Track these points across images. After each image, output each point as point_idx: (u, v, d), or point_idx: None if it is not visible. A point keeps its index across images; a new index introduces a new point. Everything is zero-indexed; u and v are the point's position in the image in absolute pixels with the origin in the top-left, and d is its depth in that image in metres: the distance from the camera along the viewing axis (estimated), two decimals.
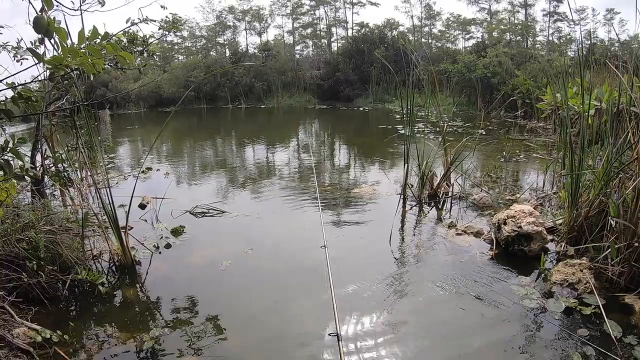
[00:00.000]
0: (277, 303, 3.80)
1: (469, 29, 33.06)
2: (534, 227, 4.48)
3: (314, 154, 11.85)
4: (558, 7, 29.31)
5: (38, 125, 5.96)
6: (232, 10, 36.77)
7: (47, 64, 1.74)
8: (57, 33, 1.71)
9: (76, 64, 1.75)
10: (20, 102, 1.86)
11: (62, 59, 1.74)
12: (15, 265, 3.71)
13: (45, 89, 4.92)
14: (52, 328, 3.26)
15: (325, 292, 3.61)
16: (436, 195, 6.57)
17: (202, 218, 6.15)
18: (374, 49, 28.70)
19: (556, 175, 6.60)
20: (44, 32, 1.70)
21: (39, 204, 4.49)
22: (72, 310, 3.78)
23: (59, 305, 3.81)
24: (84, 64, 1.77)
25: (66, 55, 1.71)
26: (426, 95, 8.63)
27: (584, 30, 28.44)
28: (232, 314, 3.66)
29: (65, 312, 3.74)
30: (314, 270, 4.19)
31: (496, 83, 19.35)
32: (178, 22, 4.75)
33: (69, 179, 5.78)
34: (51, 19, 1.72)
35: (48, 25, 1.67)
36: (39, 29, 1.67)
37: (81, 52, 1.71)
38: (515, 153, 9.53)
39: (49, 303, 3.72)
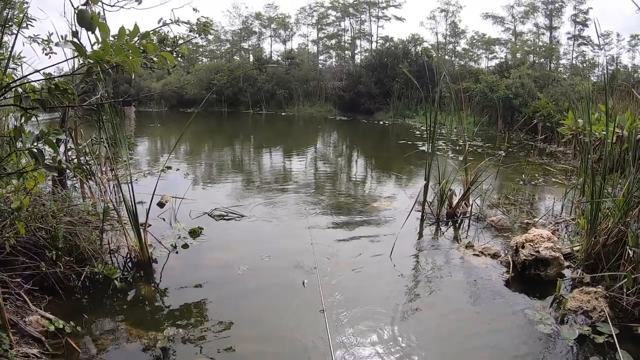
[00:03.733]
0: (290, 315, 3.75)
1: (492, 48, 33.01)
2: (552, 252, 4.43)
3: (333, 165, 11.84)
4: (583, 30, 29.20)
5: (64, 117, 6.08)
6: (259, 16, 37.30)
7: (89, 59, 1.76)
8: (100, 28, 1.73)
9: (118, 61, 1.78)
10: (56, 93, 1.89)
11: (103, 55, 1.76)
12: (32, 253, 3.76)
13: (73, 82, 5.02)
14: (65, 318, 3.28)
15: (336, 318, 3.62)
16: (454, 215, 6.51)
17: (221, 221, 6.15)
18: (397, 64, 28.72)
19: (574, 201, 6.49)
20: (87, 26, 1.71)
21: (60, 195, 4.56)
22: (86, 302, 3.80)
23: (72, 296, 3.84)
24: (126, 62, 1.79)
25: (108, 51, 1.73)
26: (451, 113, 8.58)
27: (607, 55, 28.15)
28: (247, 320, 3.64)
29: (79, 303, 3.77)
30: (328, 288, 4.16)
31: (518, 105, 19.17)
32: (208, 26, 4.81)
33: (90, 172, 5.86)
34: (95, 13, 1.74)
35: (91, 19, 1.69)
36: (83, 21, 1.68)
37: (123, 49, 1.73)
38: (534, 176, 9.40)
39: (64, 293, 3.76)
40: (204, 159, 12.41)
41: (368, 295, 4.12)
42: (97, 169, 6.40)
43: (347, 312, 3.76)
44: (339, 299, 3.99)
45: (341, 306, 3.84)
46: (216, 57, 39.04)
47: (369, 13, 35.46)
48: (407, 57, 30.39)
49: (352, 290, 4.20)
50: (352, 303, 3.90)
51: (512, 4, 31.01)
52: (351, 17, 36.15)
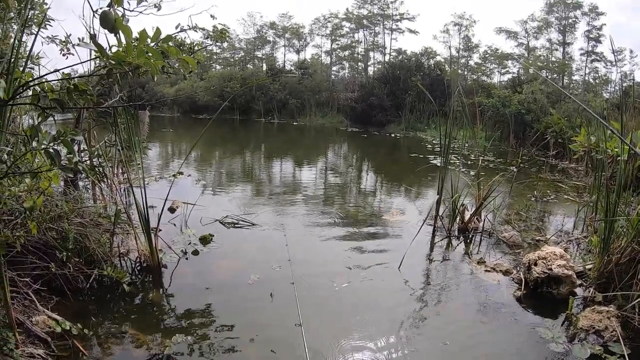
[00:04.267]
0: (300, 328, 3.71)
1: (505, 63, 32.93)
2: (565, 270, 4.39)
3: (343, 176, 11.81)
4: (596, 47, 29.07)
5: (79, 118, 6.14)
6: (273, 25, 37.65)
7: (111, 60, 1.76)
8: (123, 30, 1.73)
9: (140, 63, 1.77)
10: (75, 94, 1.89)
11: (125, 57, 1.76)
12: (42, 252, 3.76)
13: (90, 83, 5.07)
14: (72, 320, 3.27)
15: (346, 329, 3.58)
16: (466, 230, 6.44)
17: (232, 229, 6.13)
18: (410, 77, 28.74)
19: (587, 219, 6.41)
20: (110, 28, 1.71)
21: (72, 196, 4.57)
22: (93, 305, 3.79)
23: (80, 298, 3.83)
24: (148, 64, 1.78)
25: (131, 53, 1.73)
26: (464, 127, 8.53)
27: (620, 71, 27.98)
28: (257, 331, 3.57)
29: (86, 305, 3.76)
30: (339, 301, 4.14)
31: (530, 120, 19.05)
32: (225, 33, 4.85)
33: (103, 174, 5.89)
34: (118, 16, 1.74)
35: (115, 22, 1.69)
36: (106, 23, 1.68)
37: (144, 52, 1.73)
38: (546, 193, 9.30)
39: (71, 295, 3.75)
40: (215, 165, 12.45)
41: (376, 306, 4.09)
42: (109, 171, 6.42)
43: (355, 320, 3.75)
44: (347, 308, 3.97)
45: (349, 315, 3.83)
46: (230, 65, 39.40)
47: (383, 25, 35.65)
48: (420, 70, 30.40)
49: (362, 300, 4.17)
50: (361, 313, 3.88)
51: (526, 19, 31.08)
52: (365, 29, 36.35)
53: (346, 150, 19.31)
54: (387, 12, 35.12)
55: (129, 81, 5.34)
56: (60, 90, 1.95)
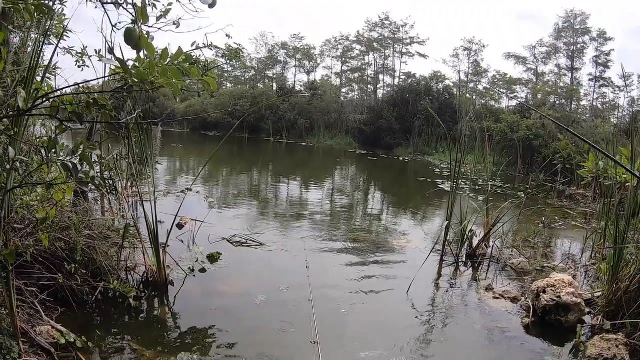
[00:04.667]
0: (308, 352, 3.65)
1: (514, 88, 33.05)
2: (573, 298, 4.33)
3: (350, 199, 11.78)
4: (604, 72, 29.04)
5: (92, 130, 6.21)
6: (285, 46, 38.18)
7: (134, 77, 1.79)
8: (147, 48, 1.76)
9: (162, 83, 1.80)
10: (94, 108, 1.92)
11: (147, 75, 1.79)
12: (49, 262, 3.77)
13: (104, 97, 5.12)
14: (76, 332, 3.26)
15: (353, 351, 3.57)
16: (474, 256, 6.38)
17: (239, 248, 6.11)
18: (419, 100, 28.89)
19: (595, 245, 6.36)
20: (133, 45, 1.75)
21: (82, 207, 4.59)
22: (98, 318, 3.78)
23: (85, 310, 3.82)
24: (170, 85, 1.81)
25: (153, 72, 1.76)
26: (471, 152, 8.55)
27: (628, 96, 27.92)
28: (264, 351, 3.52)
29: (91, 318, 3.75)
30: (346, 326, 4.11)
31: (538, 145, 19.04)
32: (240, 52, 4.92)
33: (113, 187, 5.93)
34: (143, 33, 1.78)
35: (139, 39, 1.73)
36: (130, 40, 1.72)
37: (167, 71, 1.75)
38: (554, 219, 9.24)
39: (77, 306, 3.75)
40: (224, 183, 12.50)
41: (384, 329, 4.06)
42: (119, 185, 6.45)
43: (363, 342, 3.73)
44: (355, 332, 3.94)
45: (357, 337, 3.80)
46: (240, 83, 39.86)
47: (393, 49, 35.97)
48: (429, 94, 30.57)
49: (370, 323, 4.15)
50: (368, 335, 3.86)
51: (535, 45, 31.24)
52: (375, 52, 36.69)
53: (354, 172, 19.33)
54: (397, 36, 35.49)
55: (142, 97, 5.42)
56: (80, 104, 1.97)
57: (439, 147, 26.12)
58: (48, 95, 2.10)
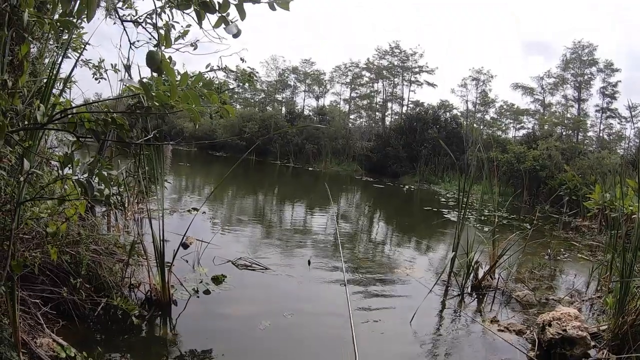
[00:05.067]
0: None
1: (520, 118, 33.24)
2: (579, 331, 4.27)
3: (356, 227, 11.73)
4: (611, 103, 29.22)
5: (102, 146, 6.29)
6: (295, 70, 38.77)
7: (155, 101, 1.84)
8: (168, 72, 1.80)
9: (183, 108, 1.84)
10: (112, 126, 1.96)
11: (168, 99, 1.83)
12: (54, 275, 3.78)
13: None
14: (78, 347, 3.24)
15: None
16: (479, 287, 6.32)
17: (244, 271, 6.06)
18: (426, 129, 29.10)
19: (601, 278, 6.30)
20: (155, 68, 1.78)
21: (89, 222, 4.61)
22: (99, 334, 3.76)
23: (86, 325, 3.80)
24: (190, 111, 1.85)
25: (174, 97, 1.80)
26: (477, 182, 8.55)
27: (635, 128, 27.98)
28: None
29: (92, 333, 3.73)
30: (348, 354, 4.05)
31: (544, 176, 19.02)
32: (253, 76, 5.01)
33: (121, 203, 5.97)
34: (165, 57, 1.83)
35: (161, 63, 1.76)
36: (152, 64, 1.75)
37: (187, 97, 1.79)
38: (559, 251, 9.16)
39: (78, 320, 3.73)
40: (230, 204, 12.52)
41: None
42: (127, 201, 6.49)
43: None
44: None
45: None
46: (250, 105, 40.34)
47: (402, 77, 36.43)
48: (437, 123, 30.78)
49: (372, 352, 4.11)
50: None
51: (542, 76, 31.52)
52: (384, 79, 37.17)
53: (359, 199, 19.30)
54: (407, 64, 35.99)
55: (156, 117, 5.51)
56: (98, 122, 2.01)
57: (445, 176, 26.13)
58: (66, 111, 2.14)
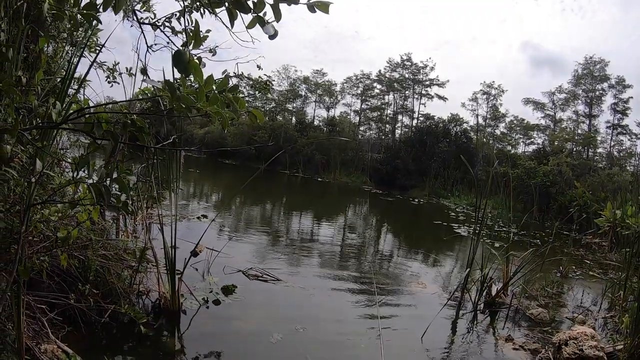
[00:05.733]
0: None
1: (530, 134, 33.01)
2: (596, 351, 4.27)
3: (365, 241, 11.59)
4: (622, 119, 28.88)
5: (115, 148, 6.26)
6: (306, 80, 38.84)
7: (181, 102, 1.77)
8: (195, 74, 1.74)
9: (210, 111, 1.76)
10: (131, 129, 1.90)
11: (194, 102, 1.76)
12: (60, 279, 3.71)
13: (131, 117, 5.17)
14: (83, 354, 3.17)
15: None
16: (492, 304, 6.18)
17: (255, 281, 5.96)
18: (436, 142, 28.97)
19: (614, 297, 6.22)
20: (182, 69, 1.71)
21: (99, 226, 4.55)
22: (105, 342, 3.68)
23: (93, 332, 3.72)
24: (219, 114, 1.76)
25: (202, 100, 1.74)
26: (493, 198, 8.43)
27: None
28: None
29: (98, 341, 3.66)
30: None
31: (554, 192, 18.81)
32: (269, 85, 4.96)
33: (132, 209, 5.91)
34: (193, 57, 1.76)
35: (189, 63, 1.70)
36: (179, 64, 1.69)
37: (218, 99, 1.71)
38: (571, 269, 9.00)
39: (84, 327, 3.65)
40: (239, 213, 12.45)
41: None
42: (140, 207, 6.43)
43: None
44: None
45: None
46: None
47: (413, 90, 36.39)
48: (447, 137, 30.65)
49: None
50: None
51: (553, 91, 31.31)
52: (395, 92, 37.14)
53: (368, 211, 19.15)
54: (417, 77, 35.97)
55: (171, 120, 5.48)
56: (116, 124, 1.96)
57: (455, 190, 25.90)
58: (83, 111, 2.09)
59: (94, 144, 2.09)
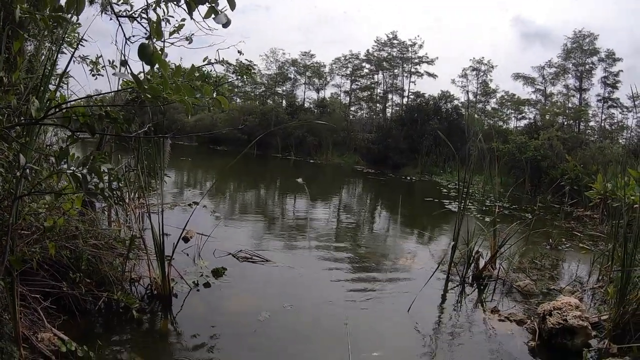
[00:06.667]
0: None
1: (522, 108, 33.05)
2: (580, 321, 4.26)
3: (356, 217, 11.77)
4: (613, 93, 28.94)
5: (101, 140, 6.28)
6: (295, 63, 38.54)
7: (147, 93, 1.82)
8: (160, 65, 1.80)
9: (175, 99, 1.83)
10: (106, 120, 1.96)
11: (160, 91, 1.82)
12: (54, 270, 3.79)
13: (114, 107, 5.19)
14: (78, 341, 3.25)
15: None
16: (480, 277, 6.31)
17: (245, 263, 6.07)
18: (427, 120, 28.99)
19: (602, 268, 6.30)
20: (147, 60, 1.77)
21: (89, 217, 4.61)
22: (100, 328, 3.78)
23: (88, 319, 3.82)
24: (183, 102, 1.84)
25: (167, 88, 1.79)
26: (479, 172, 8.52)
27: (636, 117, 27.73)
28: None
29: (93, 327, 3.76)
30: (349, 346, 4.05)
31: (545, 166, 18.96)
32: (251, 69, 4.99)
33: (121, 198, 5.96)
34: (157, 49, 1.82)
35: (152, 55, 1.75)
36: (143, 56, 1.75)
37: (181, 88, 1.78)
38: (561, 241, 9.15)
39: (79, 315, 3.74)
40: (230, 198, 12.54)
41: (386, 348, 4.01)
42: (127, 196, 6.48)
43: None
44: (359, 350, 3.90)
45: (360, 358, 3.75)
46: (250, 99, 40.20)
47: (402, 68, 36.23)
48: (437, 114, 30.66)
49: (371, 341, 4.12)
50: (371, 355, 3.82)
51: (543, 65, 31.25)
52: (384, 71, 36.99)
53: (361, 191, 19.28)
54: (406, 55, 35.78)
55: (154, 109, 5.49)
56: (92, 116, 2.00)
57: (447, 167, 26.05)
58: (60, 106, 2.13)
59: (73, 137, 2.16)
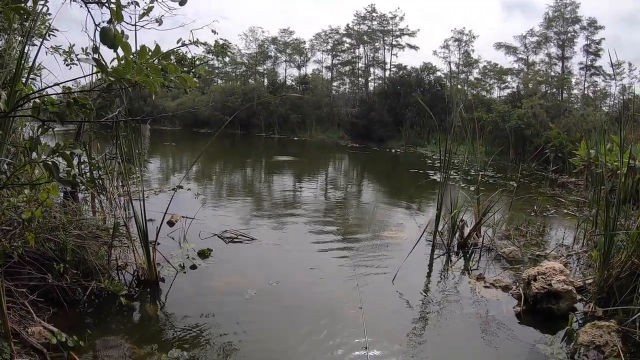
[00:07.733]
0: (297, 343, 3.70)
1: (504, 78, 33.07)
2: (564, 285, 4.34)
3: (342, 191, 11.85)
4: (595, 61, 28.93)
5: (79, 130, 6.16)
6: (275, 41, 37.92)
7: (110, 76, 1.79)
8: (122, 47, 1.77)
9: (139, 80, 1.80)
10: (74, 107, 1.91)
11: (124, 73, 1.79)
12: (40, 264, 3.76)
13: (90, 96, 5.10)
14: (68, 332, 3.26)
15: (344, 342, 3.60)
16: (465, 245, 6.42)
17: (230, 243, 6.10)
18: (410, 92, 28.90)
19: (587, 233, 6.40)
20: (109, 44, 1.75)
21: (71, 207, 4.57)
22: (90, 317, 3.78)
23: (77, 310, 3.82)
24: (147, 82, 1.81)
25: (130, 70, 1.76)
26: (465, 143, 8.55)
27: (619, 84, 27.97)
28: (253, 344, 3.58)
29: (83, 317, 3.75)
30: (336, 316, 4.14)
31: (529, 135, 19.13)
32: (226, 48, 4.90)
33: (102, 187, 5.90)
34: (118, 32, 1.78)
35: (114, 38, 1.73)
36: (106, 39, 1.72)
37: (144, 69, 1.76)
38: (545, 207, 9.30)
39: (68, 306, 3.75)
40: (215, 179, 12.48)
41: (375, 320, 4.06)
42: (109, 184, 6.41)
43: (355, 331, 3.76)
44: (347, 320, 3.98)
45: (345, 334, 3.80)
46: (231, 80, 39.64)
47: (383, 41, 35.89)
48: (420, 86, 30.57)
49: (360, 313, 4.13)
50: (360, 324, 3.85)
51: (525, 34, 31.16)
52: (365, 44, 36.60)
53: (346, 166, 19.33)
54: (387, 28, 35.40)
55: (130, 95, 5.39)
56: (61, 104, 1.96)
57: (431, 138, 26.15)
58: (29, 97, 2.08)
59: (43, 126, 2.11)
